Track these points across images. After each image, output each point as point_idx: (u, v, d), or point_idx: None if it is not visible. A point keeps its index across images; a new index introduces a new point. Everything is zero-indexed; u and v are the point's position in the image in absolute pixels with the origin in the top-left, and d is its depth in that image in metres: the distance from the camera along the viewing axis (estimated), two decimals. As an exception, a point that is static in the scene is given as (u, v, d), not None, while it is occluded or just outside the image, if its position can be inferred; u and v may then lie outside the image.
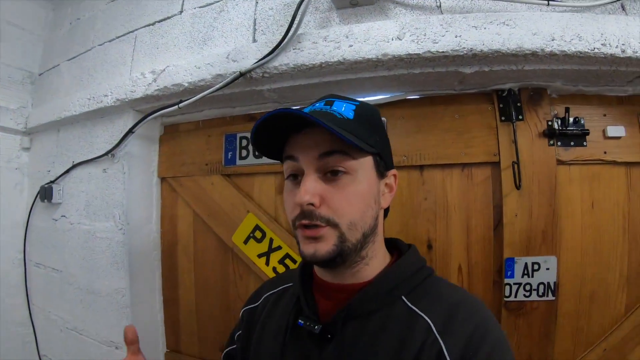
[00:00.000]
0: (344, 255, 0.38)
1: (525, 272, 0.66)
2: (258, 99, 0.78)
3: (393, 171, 0.44)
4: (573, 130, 0.66)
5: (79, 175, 0.99)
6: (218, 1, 0.81)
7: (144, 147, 0.91)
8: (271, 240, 0.81)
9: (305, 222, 0.37)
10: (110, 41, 0.99)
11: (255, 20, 0.75)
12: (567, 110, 0.66)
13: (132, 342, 0.45)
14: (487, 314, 0.38)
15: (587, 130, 0.66)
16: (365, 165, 0.39)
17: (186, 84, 0.74)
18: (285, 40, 0.65)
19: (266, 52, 0.67)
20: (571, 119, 0.67)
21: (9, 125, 1.11)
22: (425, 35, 0.59)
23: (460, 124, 0.72)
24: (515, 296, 0.66)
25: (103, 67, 0.98)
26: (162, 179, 0.94)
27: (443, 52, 0.59)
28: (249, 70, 0.68)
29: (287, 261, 0.80)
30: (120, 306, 0.87)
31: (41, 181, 1.10)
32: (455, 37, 0.59)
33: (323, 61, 0.63)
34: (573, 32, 0.57)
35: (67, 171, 1.01)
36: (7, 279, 1.11)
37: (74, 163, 0.99)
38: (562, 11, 0.61)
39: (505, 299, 0.66)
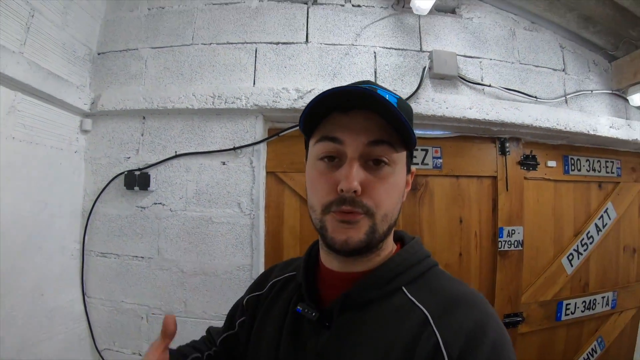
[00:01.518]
0: (372, 246, 0.39)
1: (508, 234, 1.25)
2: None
3: (413, 169, 0.45)
4: (531, 162, 1.29)
5: (184, 165, 1.07)
6: (343, 45, 1.10)
7: (261, 146, 1.10)
8: None
9: (346, 208, 0.37)
10: (220, 44, 1.10)
11: (375, 70, 1.08)
12: (531, 151, 1.28)
13: (171, 335, 0.44)
14: (489, 310, 0.37)
15: (538, 162, 1.30)
16: (402, 159, 0.40)
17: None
18: (412, 94, 1.02)
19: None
20: (531, 156, 1.30)
21: (74, 102, 1.04)
22: (484, 109, 1.08)
23: (478, 153, 1.26)
24: (504, 247, 1.24)
25: (214, 67, 1.09)
26: (268, 173, 1.15)
27: (490, 120, 1.09)
28: None
29: None
30: (242, 281, 1.05)
31: (108, 168, 1.09)
32: (497, 112, 1.10)
33: (434, 114, 1.04)
34: (543, 116, 1.16)
35: (165, 160, 1.07)
36: (62, 272, 1.06)
37: (177, 153, 1.07)
38: (541, 104, 1.21)
39: (499, 249, 1.24)
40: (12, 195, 0.86)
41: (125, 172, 1.06)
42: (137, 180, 1.05)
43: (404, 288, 0.40)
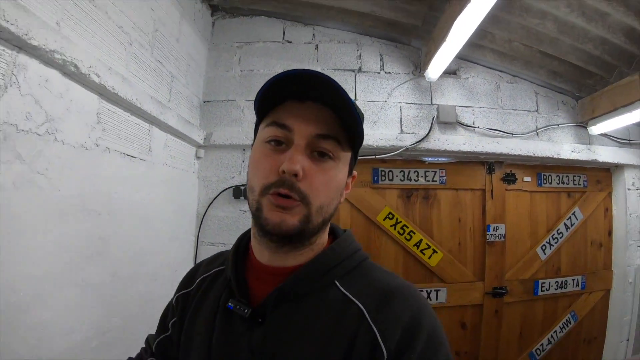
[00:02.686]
0: (303, 236, 0.49)
1: (494, 229, 2.19)
2: (404, 156, 2.04)
3: (355, 173, 0.58)
4: (511, 178, 2.24)
5: None
6: (379, 101, 2.03)
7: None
8: (396, 219, 2.08)
9: (284, 191, 0.46)
10: None
11: (401, 119, 2.01)
12: (510, 170, 2.24)
13: None
14: (422, 301, 0.48)
15: (517, 178, 2.25)
16: (346, 158, 0.52)
17: (374, 146, 1.94)
18: (425, 136, 1.96)
19: (413, 140, 1.95)
20: (511, 173, 2.25)
21: (195, 138, 1.90)
22: (474, 144, 2.03)
23: (471, 173, 2.20)
24: (491, 239, 2.19)
25: None
26: None
27: (477, 151, 2.04)
28: (411, 145, 1.95)
29: (399, 226, 2.10)
30: None
31: (218, 184, 1.98)
32: (482, 146, 2.05)
33: (440, 149, 1.98)
34: (517, 147, 2.11)
35: None
36: (186, 256, 1.92)
37: None
38: (517, 138, 2.16)
39: (487, 240, 2.19)
40: (163, 202, 1.73)
41: (233, 187, 1.95)
42: (242, 192, 1.94)
43: (337, 282, 0.51)
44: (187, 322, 0.58)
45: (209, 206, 1.99)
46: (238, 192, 1.97)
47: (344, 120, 0.49)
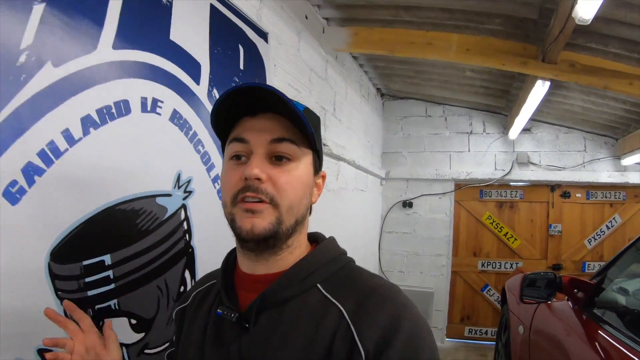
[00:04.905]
0: (277, 238, 0.78)
1: (554, 227, 5.54)
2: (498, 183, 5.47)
3: (323, 172, 0.92)
4: (566, 194, 5.59)
5: (423, 199, 5.48)
6: (482, 151, 5.49)
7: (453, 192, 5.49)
8: (493, 219, 5.51)
9: (250, 194, 0.75)
10: (434, 152, 5.52)
11: (495, 162, 5.45)
12: (566, 189, 5.59)
13: (79, 319, 1.10)
14: (403, 301, 0.75)
15: (570, 194, 5.60)
16: (307, 158, 0.84)
17: (481, 177, 5.38)
18: (508, 172, 5.39)
19: (502, 174, 5.39)
20: (567, 192, 5.60)
21: (379, 174, 5.49)
22: (539, 175, 5.46)
23: (540, 191, 5.60)
24: (551, 233, 5.58)
25: (433, 160, 5.57)
26: (455, 201, 5.52)
27: (543, 180, 5.44)
28: (500, 177, 5.35)
29: (494, 223, 5.49)
30: (444, 243, 5.43)
31: (393, 199, 5.51)
32: (545, 176, 5.43)
33: (518, 178, 5.44)
34: (569, 176, 5.46)
35: (416, 197, 5.48)
36: (374, 237, 5.47)
37: (422, 194, 5.48)
38: (568, 170, 5.50)
39: (549, 234, 5.56)
40: (369, 211, 5.36)
41: (401, 201, 5.52)
42: (407, 203, 5.52)
43: (319, 285, 0.80)
44: (183, 334, 0.96)
45: (387, 212, 5.53)
46: (404, 204, 5.50)
47: (296, 124, 0.80)
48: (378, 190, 5.61)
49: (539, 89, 3.75)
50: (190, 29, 1.89)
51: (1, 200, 1.14)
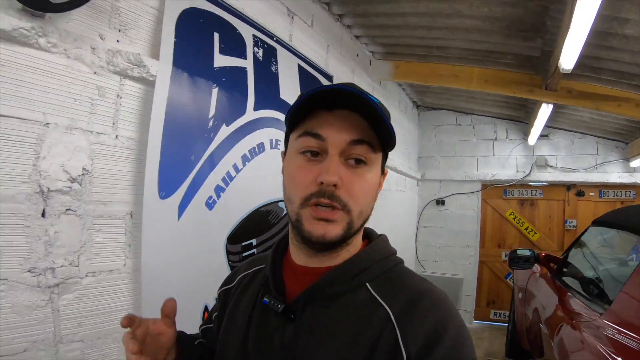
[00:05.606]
0: (345, 242, 0.90)
1: (569, 222, 7.22)
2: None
3: (386, 170, 1.02)
4: (581, 193, 7.27)
5: (454, 197, 7.24)
6: (505, 155, 7.21)
7: (480, 192, 7.21)
8: (515, 215, 7.21)
9: (325, 200, 0.83)
10: (462, 156, 7.32)
11: (516, 165, 7.17)
12: (581, 189, 7.27)
13: (167, 315, 0.99)
14: (450, 308, 0.84)
15: (584, 193, 7.28)
16: (378, 160, 0.94)
17: (504, 178, 7.09)
18: (528, 173, 7.09)
19: (522, 176, 7.10)
20: (581, 191, 7.27)
21: (415, 175, 7.28)
22: (556, 176, 7.17)
23: (557, 190, 7.30)
24: (568, 228, 7.24)
25: (462, 164, 7.38)
26: (482, 199, 7.24)
27: (559, 180, 7.14)
28: (521, 178, 7.05)
29: (516, 219, 7.18)
30: (473, 236, 7.16)
31: (428, 198, 7.27)
32: (561, 177, 7.11)
33: (537, 179, 7.15)
34: (582, 177, 7.14)
35: (448, 196, 7.21)
36: (411, 233, 7.21)
37: (453, 193, 7.22)
38: (581, 172, 7.18)
39: (566, 228, 7.24)
40: (407, 209, 7.17)
41: (435, 199, 7.32)
42: (440, 201, 7.35)
43: (367, 284, 0.91)
44: (226, 316, 1.07)
45: (423, 209, 7.35)
46: (437, 202, 7.31)
47: (373, 124, 0.88)
48: (415, 190, 7.49)
49: (544, 110, 5.48)
50: (290, 86, 3.29)
51: (204, 208, 2.38)
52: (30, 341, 1.84)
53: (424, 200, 7.71)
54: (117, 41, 2.16)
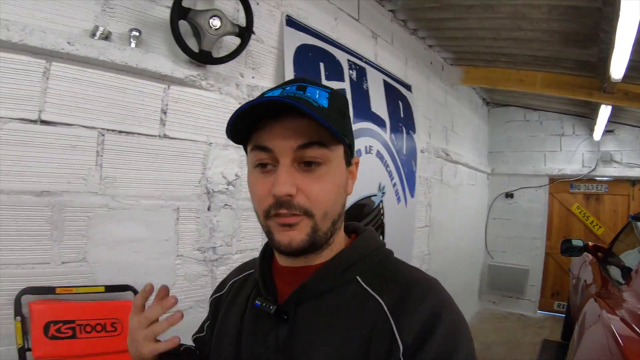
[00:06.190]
0: (316, 245, 0.96)
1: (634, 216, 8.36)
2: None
3: (356, 159, 1.07)
4: None
5: (522, 191, 8.56)
6: (572, 151, 8.42)
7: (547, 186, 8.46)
8: (581, 209, 8.44)
9: (283, 211, 0.90)
10: (530, 151, 8.74)
11: (583, 160, 8.44)
12: None
13: (162, 298, 1.09)
14: (443, 295, 0.92)
15: None
16: (337, 155, 0.97)
17: (570, 173, 8.33)
18: (594, 168, 8.28)
19: (588, 171, 8.32)
20: None
21: (485, 170, 8.69)
22: (621, 171, 8.39)
23: (622, 185, 8.50)
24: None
25: (530, 159, 8.86)
26: (550, 193, 8.48)
27: (624, 175, 8.33)
28: (587, 173, 8.24)
29: (582, 213, 8.37)
30: (539, 228, 8.49)
31: (497, 191, 8.63)
32: (626, 172, 8.28)
33: (602, 174, 8.48)
34: None
35: (516, 189, 8.50)
36: (481, 224, 8.52)
37: (521, 187, 8.57)
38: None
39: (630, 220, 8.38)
40: (478, 202, 8.66)
41: (504, 193, 8.75)
42: (509, 195, 8.81)
43: (358, 277, 0.99)
44: (218, 323, 1.16)
45: (493, 201, 8.78)
46: (506, 195, 8.83)
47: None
48: (485, 184, 8.86)
49: (604, 110, 6.71)
50: (378, 100, 4.44)
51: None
52: (195, 301, 2.70)
53: (494, 194, 9.08)
54: (252, 77, 3.06)
